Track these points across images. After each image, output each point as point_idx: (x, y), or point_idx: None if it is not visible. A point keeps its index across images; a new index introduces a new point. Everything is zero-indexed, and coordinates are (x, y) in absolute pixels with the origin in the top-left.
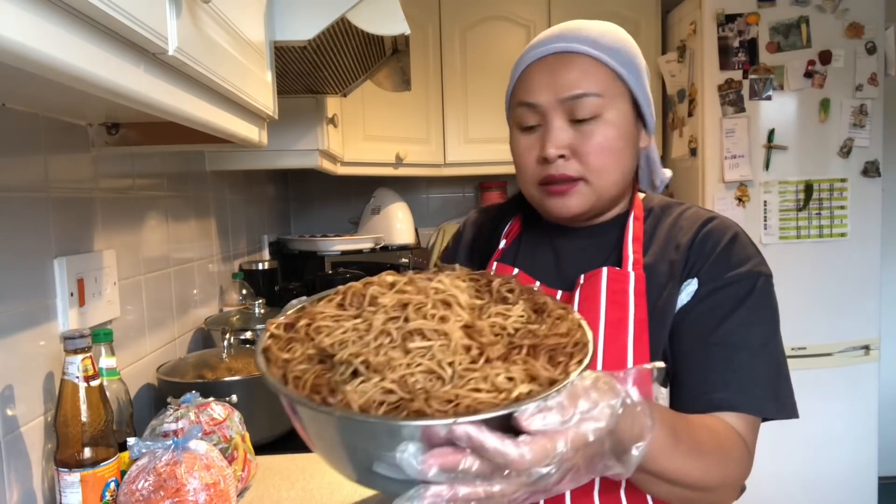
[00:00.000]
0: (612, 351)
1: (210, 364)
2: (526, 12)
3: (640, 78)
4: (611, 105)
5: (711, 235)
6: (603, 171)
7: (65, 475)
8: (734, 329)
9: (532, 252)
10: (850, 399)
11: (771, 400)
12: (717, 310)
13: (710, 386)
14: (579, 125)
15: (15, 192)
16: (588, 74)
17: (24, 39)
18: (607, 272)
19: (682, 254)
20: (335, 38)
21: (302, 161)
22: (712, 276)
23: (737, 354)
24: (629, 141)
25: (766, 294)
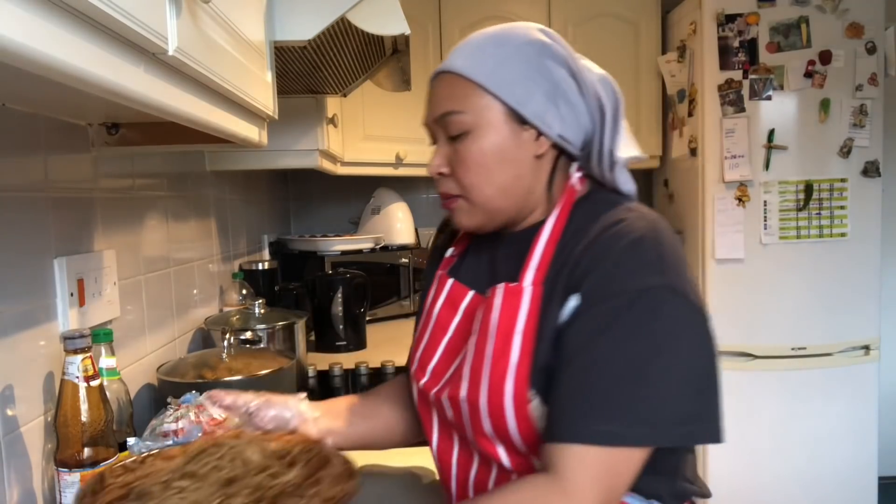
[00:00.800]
0: (496, 370)
1: (210, 364)
2: (526, 12)
3: (519, 84)
4: (479, 119)
5: (604, 243)
6: (474, 187)
7: (65, 475)
8: (601, 351)
9: (475, 260)
10: (850, 399)
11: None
12: (588, 329)
13: (558, 416)
14: (454, 143)
15: (15, 192)
16: (452, 93)
17: (24, 39)
18: (503, 289)
19: (571, 265)
20: (335, 38)
21: (302, 161)
22: (594, 290)
23: (596, 381)
24: (505, 154)
25: (650, 309)
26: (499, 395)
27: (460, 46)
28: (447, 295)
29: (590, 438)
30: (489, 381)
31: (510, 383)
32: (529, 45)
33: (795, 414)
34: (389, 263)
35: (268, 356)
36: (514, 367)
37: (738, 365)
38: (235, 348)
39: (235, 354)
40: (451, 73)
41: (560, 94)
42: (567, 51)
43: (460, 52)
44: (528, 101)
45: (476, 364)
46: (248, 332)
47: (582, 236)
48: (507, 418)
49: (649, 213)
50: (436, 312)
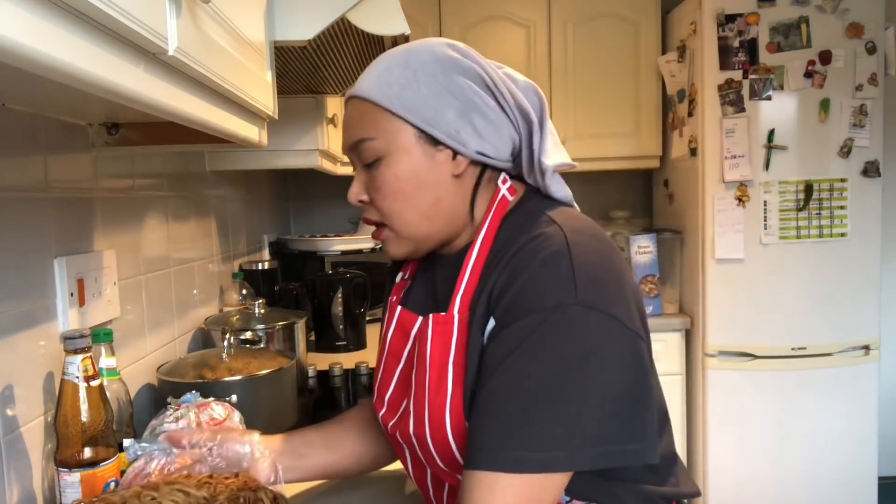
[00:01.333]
0: (434, 403)
1: (210, 364)
2: (526, 12)
3: (428, 104)
4: (389, 145)
5: (519, 261)
6: (395, 214)
7: (65, 475)
8: (509, 374)
9: (419, 285)
10: (850, 399)
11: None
12: (500, 351)
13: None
14: (369, 170)
15: (15, 192)
16: (362, 119)
17: (24, 39)
18: (433, 319)
19: (490, 286)
20: (335, 38)
21: (302, 161)
22: (506, 311)
23: (503, 404)
24: (421, 177)
25: (558, 330)
26: (441, 430)
27: (369, 69)
28: (397, 322)
29: (501, 465)
30: (430, 416)
31: (448, 416)
32: (436, 63)
33: (795, 414)
34: (389, 263)
35: (268, 356)
36: (450, 399)
37: (738, 365)
38: (235, 348)
39: (235, 354)
40: (360, 98)
41: (474, 108)
42: (479, 63)
43: (368, 76)
44: (439, 120)
45: (418, 398)
46: (248, 332)
47: (503, 256)
48: (453, 451)
49: (575, 222)
50: (388, 341)
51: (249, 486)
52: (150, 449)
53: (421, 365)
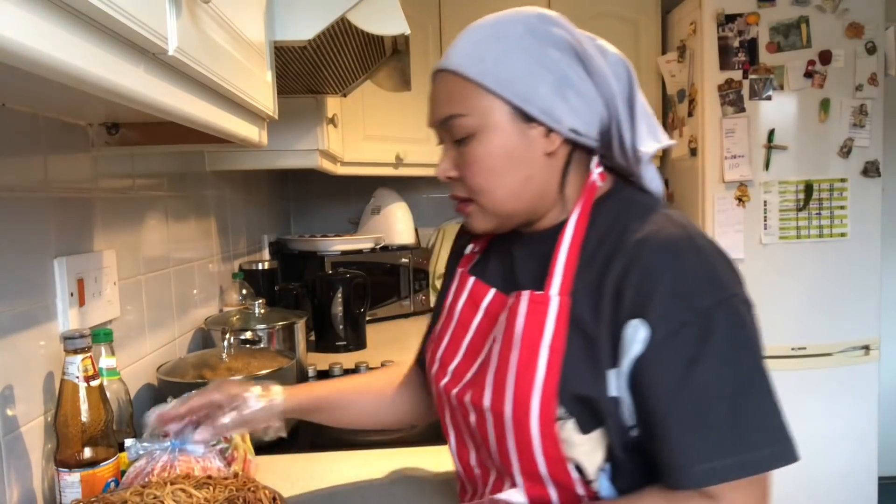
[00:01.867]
0: (521, 382)
1: (210, 364)
2: None
3: (521, 79)
4: (482, 122)
5: (650, 260)
6: (484, 191)
7: (65, 475)
8: (703, 377)
9: (495, 258)
10: (850, 399)
11: (758, 455)
12: (678, 359)
13: (677, 456)
14: (459, 146)
15: (15, 192)
16: (452, 95)
17: (24, 39)
18: (528, 297)
19: (610, 280)
20: (335, 38)
21: (302, 161)
22: (663, 315)
23: (710, 410)
24: (513, 155)
25: (732, 323)
26: (524, 409)
27: (458, 41)
28: (469, 293)
29: (735, 471)
30: (514, 393)
31: (536, 398)
32: (529, 35)
33: (795, 414)
34: (389, 263)
35: (268, 356)
36: (540, 382)
37: None
38: (235, 348)
39: (235, 354)
40: (450, 71)
41: (568, 84)
42: (572, 33)
43: (458, 48)
44: (533, 96)
45: (500, 373)
46: (248, 332)
47: (609, 245)
48: (531, 434)
49: (678, 217)
50: (458, 311)
51: (249, 486)
52: (152, 448)
53: (507, 341)
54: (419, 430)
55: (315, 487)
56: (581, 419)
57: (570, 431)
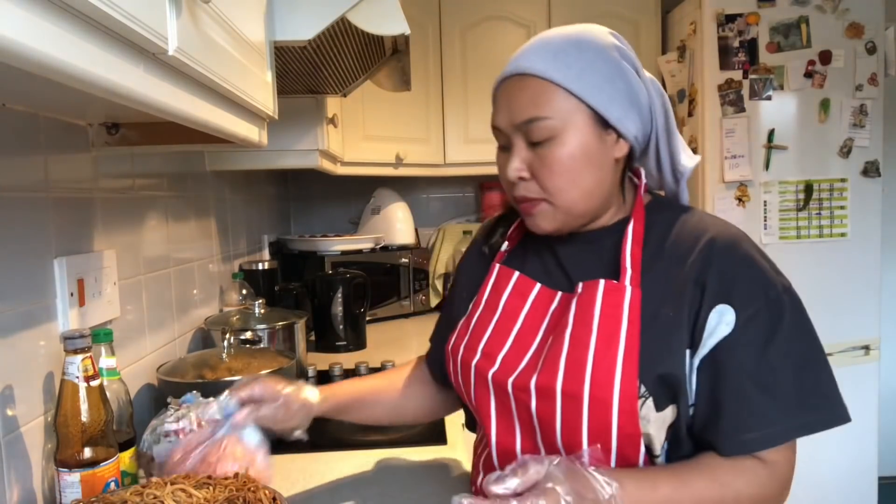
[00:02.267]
0: (601, 365)
1: (210, 364)
2: (526, 12)
3: (603, 88)
4: (564, 125)
5: (729, 254)
6: (560, 191)
7: (65, 475)
8: (777, 354)
9: (533, 255)
10: (850, 399)
11: (817, 417)
12: (758, 337)
13: (752, 423)
14: (536, 147)
15: (15, 192)
16: (537, 98)
17: (24, 39)
18: (604, 285)
19: (689, 273)
20: (335, 38)
21: (302, 161)
22: (746, 301)
23: (782, 382)
24: (591, 158)
25: (797, 305)
26: (605, 389)
27: (535, 49)
28: (514, 287)
29: (796, 432)
30: (593, 374)
31: (618, 377)
32: (608, 50)
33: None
34: (389, 263)
35: (268, 356)
36: (621, 362)
37: None
38: (235, 348)
39: (235, 354)
40: (533, 76)
41: (635, 96)
42: (633, 53)
43: (538, 55)
44: (612, 105)
45: (576, 357)
46: (248, 332)
47: (680, 244)
48: (611, 413)
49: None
50: (502, 303)
51: (249, 486)
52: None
53: (583, 325)
54: (419, 429)
55: (315, 487)
56: (658, 397)
57: (649, 409)
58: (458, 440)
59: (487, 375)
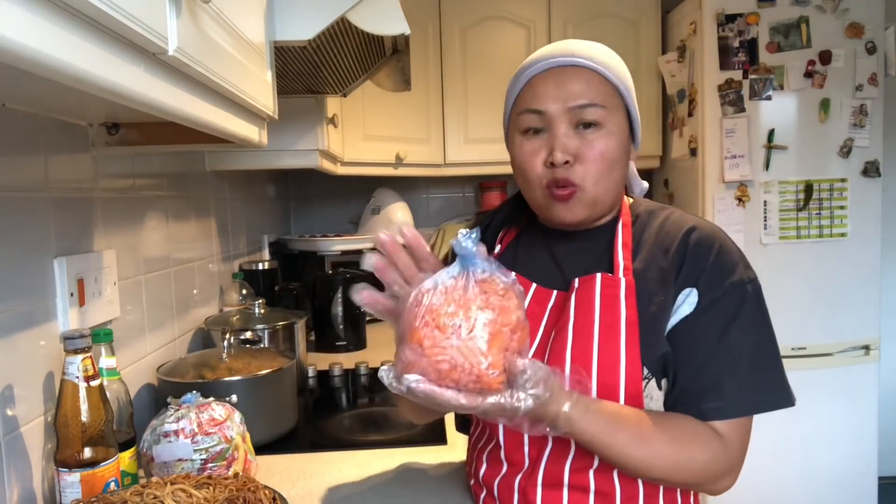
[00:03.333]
0: (606, 352)
1: (210, 364)
2: (526, 12)
3: (632, 97)
4: (611, 117)
5: (701, 245)
6: (600, 178)
7: (65, 475)
8: (735, 337)
9: (529, 254)
10: (850, 399)
11: (767, 398)
12: (718, 320)
13: (708, 395)
14: (583, 133)
15: (15, 192)
16: (593, 86)
17: (24, 39)
18: (601, 278)
19: (671, 261)
20: (335, 38)
21: (302, 161)
22: (710, 286)
23: (738, 362)
24: (624, 152)
25: (757, 296)
26: (612, 375)
27: (588, 46)
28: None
29: (748, 410)
30: (600, 362)
31: (623, 363)
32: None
33: (795, 414)
34: None
35: (268, 356)
36: (624, 350)
37: None
38: (235, 348)
39: (235, 354)
40: (591, 69)
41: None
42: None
43: (603, 55)
44: (636, 115)
45: (582, 347)
46: (248, 332)
47: (664, 236)
48: (619, 396)
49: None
50: None
51: (249, 486)
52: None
53: (584, 317)
54: (419, 430)
55: (315, 487)
56: (661, 375)
57: (652, 388)
58: (458, 440)
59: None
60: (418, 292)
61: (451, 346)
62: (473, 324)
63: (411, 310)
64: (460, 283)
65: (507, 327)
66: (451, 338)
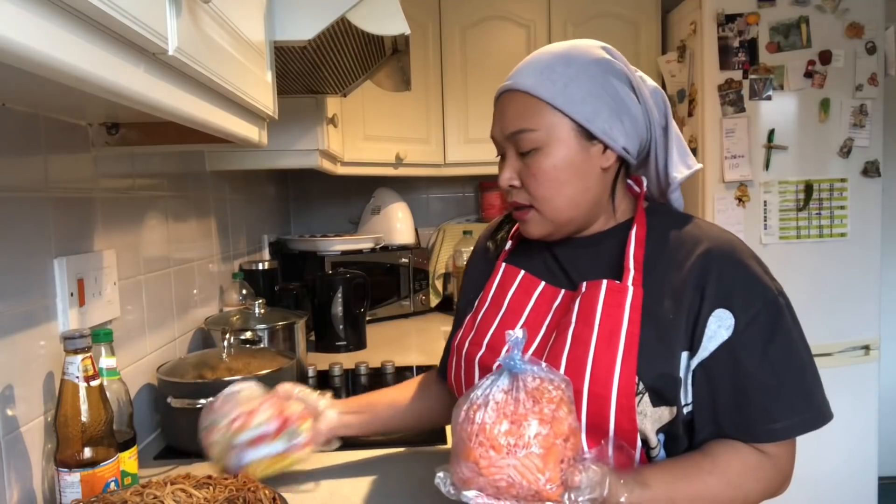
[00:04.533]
0: (600, 363)
1: (210, 364)
2: (526, 12)
3: (587, 101)
4: (548, 136)
5: (725, 261)
6: (546, 199)
7: (65, 475)
8: (779, 355)
9: (535, 254)
10: (850, 399)
11: (817, 414)
12: (759, 339)
13: (760, 419)
14: (524, 158)
15: (15, 192)
16: (524, 111)
17: (24, 39)
18: (607, 285)
19: (686, 278)
20: (335, 38)
21: (302, 161)
22: (745, 305)
23: (785, 381)
24: (575, 168)
25: (789, 308)
26: (604, 385)
27: (527, 65)
28: (519, 284)
29: (800, 429)
30: (593, 371)
31: (617, 374)
32: (595, 64)
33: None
34: (389, 263)
35: (268, 356)
36: (620, 360)
37: None
38: (235, 348)
39: (235, 354)
40: (521, 91)
41: (623, 108)
42: (626, 66)
43: (528, 72)
44: (596, 117)
45: (577, 353)
46: (248, 332)
47: (680, 250)
48: (609, 408)
49: (717, 226)
50: (507, 300)
51: (249, 486)
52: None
53: (584, 323)
54: (419, 430)
55: (315, 487)
56: (654, 394)
57: (645, 404)
58: None
59: (492, 368)
60: (469, 407)
61: (507, 466)
62: (528, 441)
63: (463, 427)
64: (511, 396)
65: (561, 438)
66: (507, 457)
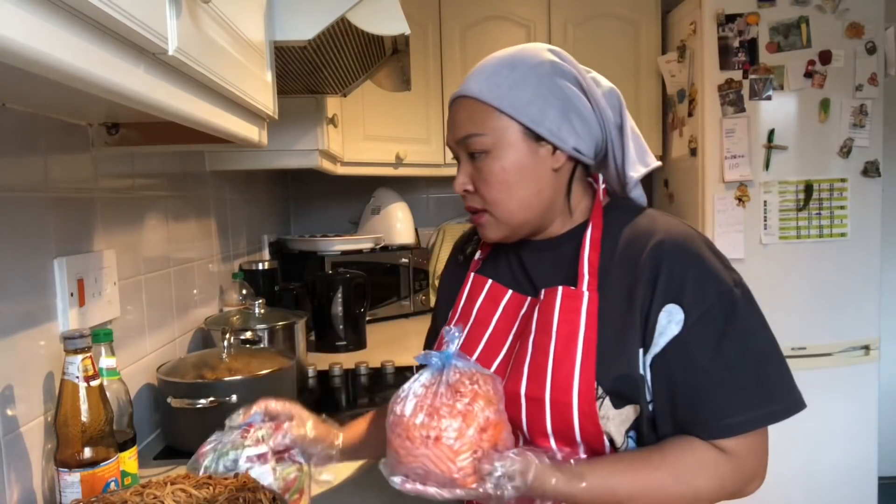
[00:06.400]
0: (560, 368)
1: (210, 364)
2: (526, 12)
3: (533, 103)
4: (496, 139)
5: (677, 254)
6: (497, 203)
7: (65, 475)
8: (733, 348)
9: (503, 262)
10: (849, 399)
11: (780, 406)
12: (711, 334)
13: (715, 414)
14: (476, 162)
15: (15, 192)
16: (471, 116)
17: (24, 39)
18: (562, 291)
19: (639, 275)
20: (335, 38)
21: (302, 161)
22: (696, 299)
23: (740, 375)
24: (525, 170)
25: (747, 298)
26: (565, 393)
27: (475, 71)
28: (486, 294)
29: (761, 422)
30: (553, 379)
31: (576, 381)
32: (541, 66)
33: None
34: (389, 263)
35: (268, 356)
36: (579, 366)
37: None
38: (235, 348)
39: (235, 354)
40: (469, 97)
41: (572, 109)
42: (576, 67)
43: (476, 77)
44: (543, 119)
45: (538, 362)
46: (248, 332)
47: (632, 248)
48: (572, 415)
49: (675, 217)
50: (475, 311)
51: (249, 486)
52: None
53: (543, 332)
54: None
55: (314, 487)
56: (615, 396)
57: (607, 408)
58: None
59: None
60: (394, 400)
61: (422, 455)
62: (440, 434)
63: (388, 418)
64: (431, 391)
65: (473, 429)
66: (421, 448)
